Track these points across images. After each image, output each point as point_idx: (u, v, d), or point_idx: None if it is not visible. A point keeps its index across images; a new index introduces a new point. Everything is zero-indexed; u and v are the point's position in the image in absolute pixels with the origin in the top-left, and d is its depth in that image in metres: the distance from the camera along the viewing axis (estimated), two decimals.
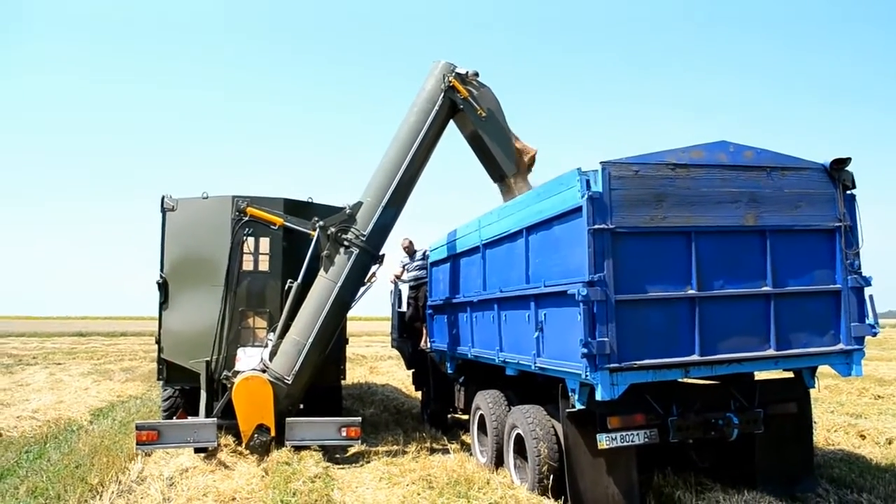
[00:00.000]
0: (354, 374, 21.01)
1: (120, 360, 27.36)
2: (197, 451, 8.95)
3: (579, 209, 5.73)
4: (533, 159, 9.79)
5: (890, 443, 9.48)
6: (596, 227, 5.62)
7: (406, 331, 12.27)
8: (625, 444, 6.08)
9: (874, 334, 6.46)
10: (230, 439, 9.35)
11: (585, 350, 5.51)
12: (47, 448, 9.60)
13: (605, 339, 5.56)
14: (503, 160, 9.61)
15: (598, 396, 5.58)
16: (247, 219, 9.79)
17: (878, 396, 14.10)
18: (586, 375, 5.61)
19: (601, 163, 5.75)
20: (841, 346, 6.35)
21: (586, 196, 5.65)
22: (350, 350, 30.84)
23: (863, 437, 9.88)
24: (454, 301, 9.63)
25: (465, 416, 9.85)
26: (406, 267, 12.23)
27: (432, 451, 9.32)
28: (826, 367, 6.60)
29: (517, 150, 9.68)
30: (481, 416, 8.46)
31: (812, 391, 7.01)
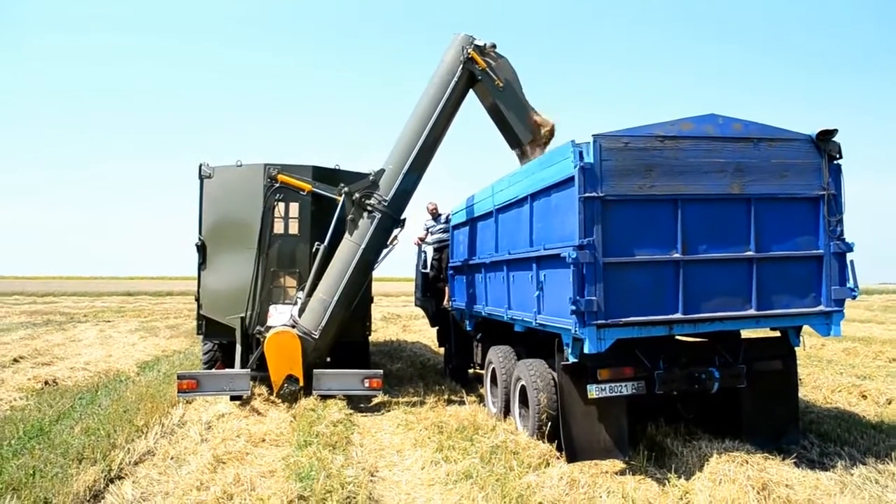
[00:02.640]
0: (387, 332, 21.81)
1: (165, 318, 28.58)
2: (232, 398, 9.78)
3: (572, 178, 6.21)
4: (551, 131, 10.20)
5: (890, 403, 9.82)
6: (587, 195, 6.11)
7: (429, 290, 12.89)
8: (613, 394, 6.63)
9: (854, 297, 6.87)
10: (263, 389, 10.18)
11: (574, 307, 6.04)
12: (98, 395, 10.47)
13: (593, 297, 6.07)
14: (520, 129, 10.06)
15: (587, 350, 6.12)
16: (278, 185, 10.50)
17: (894, 360, 14.33)
18: (576, 331, 6.15)
19: (593, 135, 6.21)
20: (822, 307, 6.77)
21: (578, 166, 6.13)
22: (386, 310, 31.85)
23: (864, 396, 10.22)
24: (471, 262, 10.20)
25: (483, 371, 10.48)
26: (430, 230, 12.80)
27: (449, 402, 10.00)
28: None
29: (536, 123, 10.11)
30: (493, 370, 9.05)
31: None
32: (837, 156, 6.84)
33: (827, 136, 6.78)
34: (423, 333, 20.80)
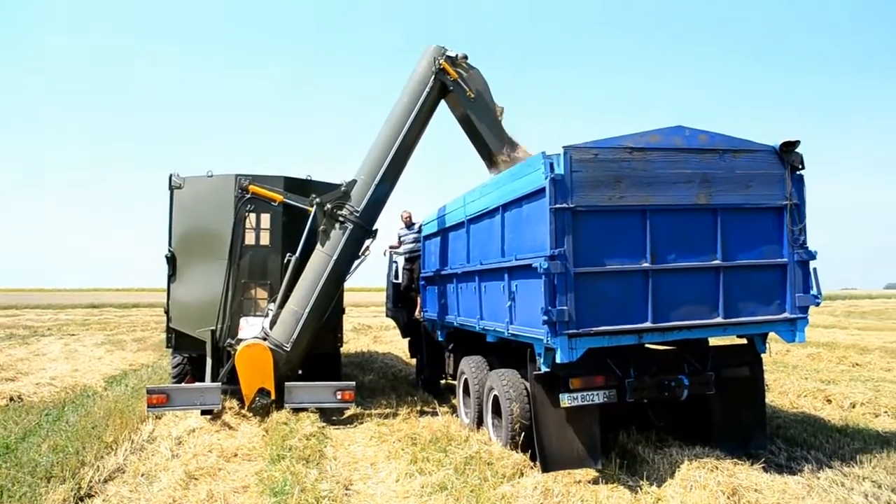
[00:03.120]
0: (358, 343, 21.74)
1: (132, 331, 28.18)
2: (203, 413, 9.67)
3: (543, 190, 6.29)
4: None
5: (854, 406, 10.05)
6: (557, 206, 6.19)
7: (401, 300, 12.90)
8: (585, 402, 6.69)
9: (817, 304, 7.03)
10: (234, 402, 10.10)
11: (546, 317, 6.10)
12: (65, 411, 10.31)
13: (565, 307, 6.14)
14: (490, 139, 10.15)
15: (559, 359, 6.19)
16: (249, 196, 10.46)
17: (856, 364, 14.68)
18: (548, 340, 6.21)
19: (563, 147, 6.29)
20: (786, 314, 6.92)
21: (549, 178, 6.21)
22: (356, 320, 31.70)
23: (829, 401, 10.46)
24: (443, 273, 10.24)
25: (455, 381, 10.51)
26: (402, 238, 12.82)
27: (422, 413, 10.01)
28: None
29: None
30: (466, 381, 9.08)
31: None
32: (800, 166, 7.01)
33: (789, 147, 6.94)
34: (395, 344, 20.78)
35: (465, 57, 10.24)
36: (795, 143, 6.94)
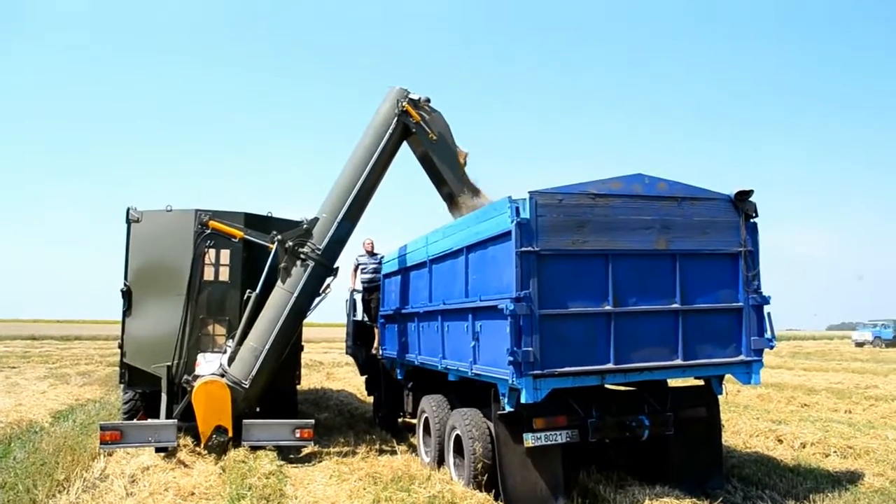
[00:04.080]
0: (311, 380, 21.51)
1: (76, 365, 27.40)
2: (157, 450, 9.45)
3: (509, 233, 6.44)
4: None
5: (804, 446, 10.28)
6: (523, 249, 6.34)
7: (360, 338, 12.86)
8: (549, 442, 6.78)
9: (771, 347, 7.29)
10: (189, 440, 9.89)
11: (512, 358, 6.21)
12: (12, 448, 9.99)
13: (530, 348, 6.26)
14: (451, 180, 10.29)
15: (523, 399, 6.28)
16: (209, 231, 10.37)
17: (805, 405, 15.03)
18: (513, 381, 6.30)
19: (529, 192, 6.47)
20: (742, 357, 7.17)
21: (515, 222, 6.36)
22: (308, 356, 31.32)
23: (780, 441, 10.69)
24: (404, 311, 10.28)
25: (414, 420, 10.47)
26: (361, 266, 12.80)
27: (381, 451, 9.95)
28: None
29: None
30: (426, 419, 9.09)
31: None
32: (754, 215, 7.31)
33: (744, 196, 7.24)
34: (349, 381, 20.63)
35: (428, 100, 10.42)
36: (749, 193, 7.24)
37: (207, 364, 9.88)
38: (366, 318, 12.90)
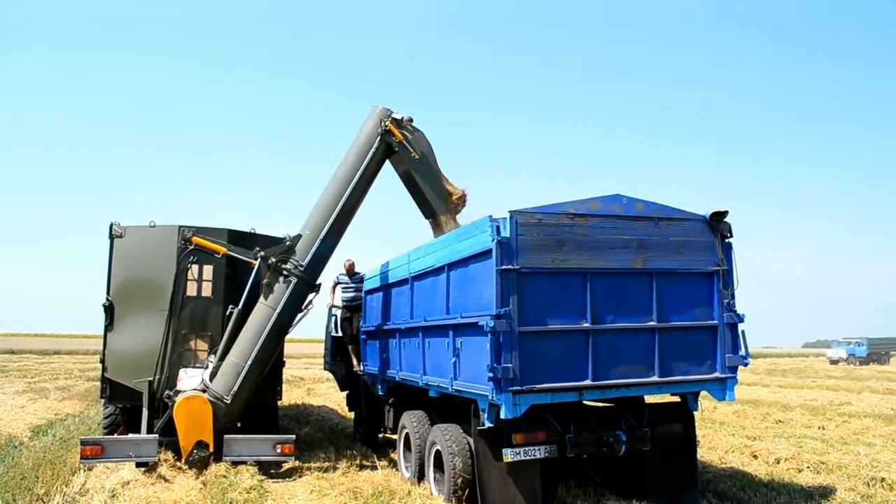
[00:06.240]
0: (292, 396, 21.47)
1: (55, 379, 27.18)
2: (138, 465, 9.46)
3: (490, 251, 6.57)
4: (462, 199, 10.63)
5: (778, 462, 10.45)
6: (503, 267, 6.48)
7: (339, 354, 12.91)
8: (528, 458, 6.89)
9: (746, 364, 7.46)
10: (170, 455, 9.92)
11: (491, 374, 6.33)
12: None
13: (510, 365, 6.38)
14: (433, 199, 10.43)
15: (503, 415, 6.39)
16: (192, 247, 10.44)
17: (779, 421, 15.26)
18: (493, 397, 6.42)
19: (510, 211, 6.62)
20: (717, 374, 7.33)
21: (496, 240, 6.50)
22: (289, 372, 31.23)
23: (755, 456, 10.86)
24: (385, 328, 10.37)
25: (395, 436, 10.54)
26: (341, 284, 12.86)
27: (361, 467, 10.02)
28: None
29: (448, 192, 10.52)
30: (407, 435, 9.16)
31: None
32: (728, 235, 7.50)
33: (719, 217, 7.43)
34: (329, 397, 20.62)
35: (411, 119, 10.56)
36: (724, 213, 7.43)
37: (189, 379, 9.92)
38: (343, 336, 12.94)
